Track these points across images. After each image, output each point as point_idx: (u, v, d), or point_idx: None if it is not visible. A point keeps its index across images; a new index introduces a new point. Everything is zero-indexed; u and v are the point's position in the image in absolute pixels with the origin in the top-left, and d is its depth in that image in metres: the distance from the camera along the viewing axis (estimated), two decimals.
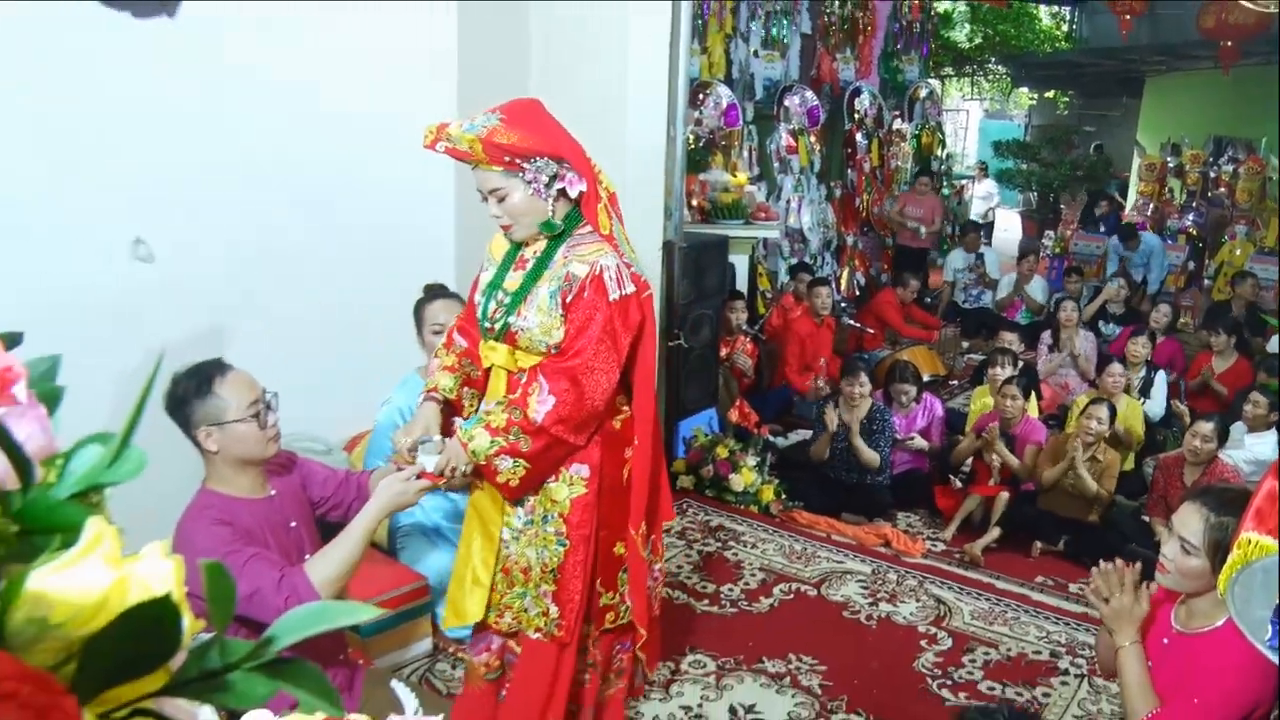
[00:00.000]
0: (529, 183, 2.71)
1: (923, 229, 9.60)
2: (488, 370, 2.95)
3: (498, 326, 2.83)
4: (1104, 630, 2.76)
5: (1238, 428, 5.64)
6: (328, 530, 2.88)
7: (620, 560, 2.99)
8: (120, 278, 3.54)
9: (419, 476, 2.69)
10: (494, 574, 2.93)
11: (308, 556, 2.79)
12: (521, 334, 2.78)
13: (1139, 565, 2.72)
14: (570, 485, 2.85)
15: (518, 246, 2.88)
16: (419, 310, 3.97)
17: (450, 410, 2.96)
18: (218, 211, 3.78)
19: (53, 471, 0.68)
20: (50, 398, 0.71)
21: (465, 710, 3.14)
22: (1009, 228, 16.73)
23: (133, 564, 0.63)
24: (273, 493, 2.79)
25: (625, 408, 2.92)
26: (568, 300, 2.73)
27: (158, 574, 0.63)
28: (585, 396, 2.71)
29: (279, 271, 4.01)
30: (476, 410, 2.96)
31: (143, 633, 0.58)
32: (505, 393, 2.84)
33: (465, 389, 2.98)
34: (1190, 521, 2.54)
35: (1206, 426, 5.03)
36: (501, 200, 2.74)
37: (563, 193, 2.76)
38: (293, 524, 2.81)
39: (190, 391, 2.63)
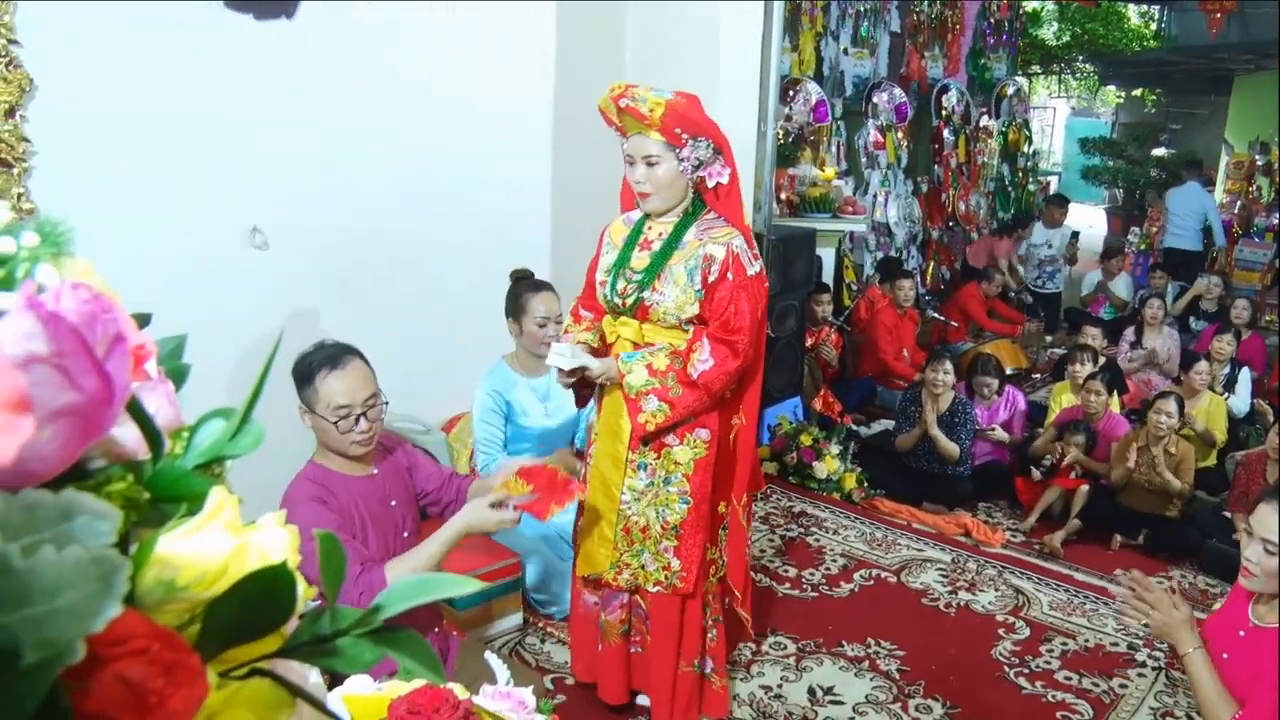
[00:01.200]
0: (681, 159, 2.89)
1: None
2: (610, 345, 3.11)
3: (629, 302, 2.99)
4: None
5: None
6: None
7: (721, 518, 3.20)
8: (240, 263, 3.63)
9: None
10: (615, 533, 3.11)
11: (405, 535, 2.86)
12: (655, 308, 2.96)
13: (1143, 577, 2.68)
14: (693, 448, 3.03)
15: (638, 230, 3.06)
16: (519, 299, 3.96)
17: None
18: (329, 202, 3.86)
19: (179, 444, 0.70)
20: (177, 374, 0.73)
21: (605, 669, 3.33)
22: (1095, 224, 16.38)
23: (251, 533, 0.65)
24: (374, 471, 2.82)
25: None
26: (709, 280, 2.90)
27: (275, 543, 0.65)
28: (737, 366, 2.92)
29: (385, 257, 4.09)
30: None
31: (260, 598, 0.60)
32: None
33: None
34: (1269, 521, 2.48)
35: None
36: (651, 166, 2.89)
37: (701, 180, 2.96)
38: (393, 502, 2.85)
39: (301, 371, 2.68)
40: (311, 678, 0.73)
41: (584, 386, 3.13)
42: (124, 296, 0.61)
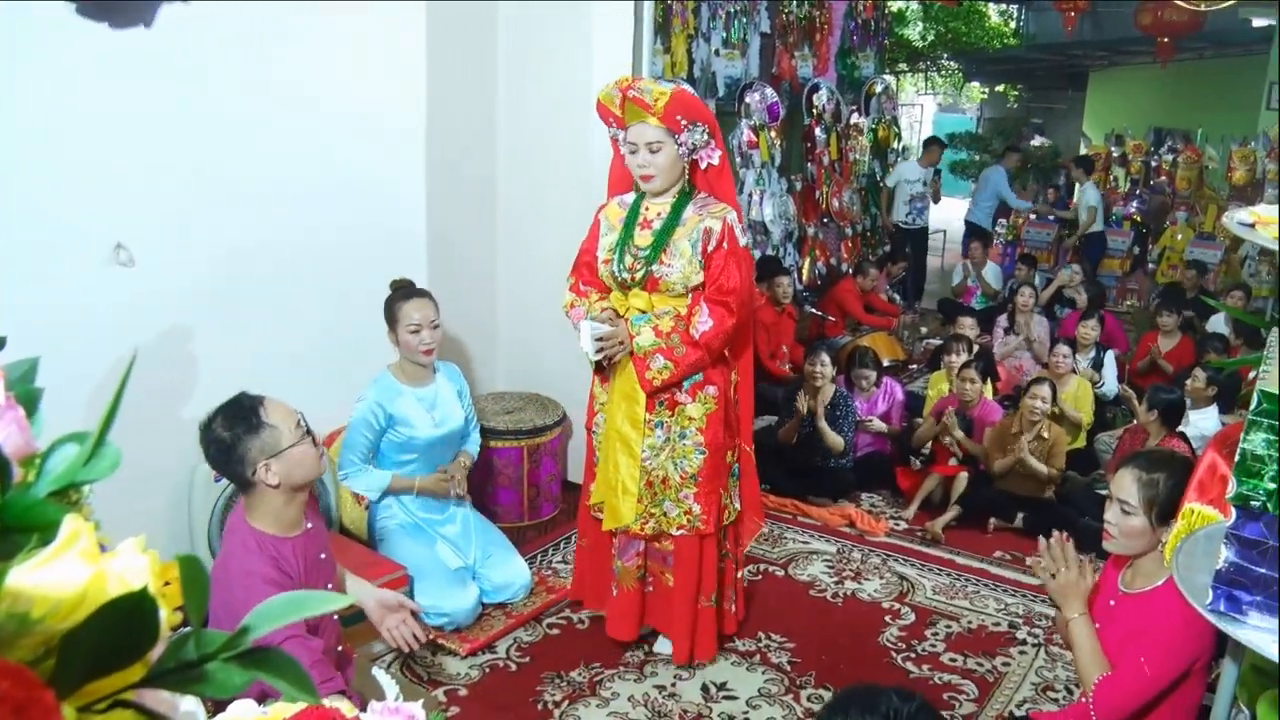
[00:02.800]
0: (679, 144, 3.30)
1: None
2: (623, 317, 3.45)
3: (639, 275, 3.39)
4: None
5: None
6: None
7: (729, 467, 3.63)
8: (100, 282, 3.50)
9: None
10: (639, 486, 3.48)
11: (329, 586, 2.78)
12: (664, 280, 3.36)
13: (1069, 539, 2.78)
14: (704, 404, 3.46)
15: (635, 211, 3.45)
16: (392, 308, 3.96)
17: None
18: (193, 215, 3.75)
19: (32, 471, 0.67)
20: (29, 399, 0.70)
21: (620, 610, 3.70)
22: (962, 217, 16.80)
23: (110, 559, 0.62)
24: (309, 525, 2.74)
25: None
26: (709, 250, 3.33)
27: (134, 568, 0.63)
28: (733, 324, 3.35)
29: (254, 271, 3.99)
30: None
31: (120, 626, 0.58)
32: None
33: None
34: (1125, 484, 2.64)
35: (1144, 403, 5.09)
36: (654, 152, 3.30)
37: (694, 162, 3.38)
38: (322, 555, 2.78)
39: (239, 428, 2.54)
40: (186, 706, 0.70)
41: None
42: None
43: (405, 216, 4.56)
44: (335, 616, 2.89)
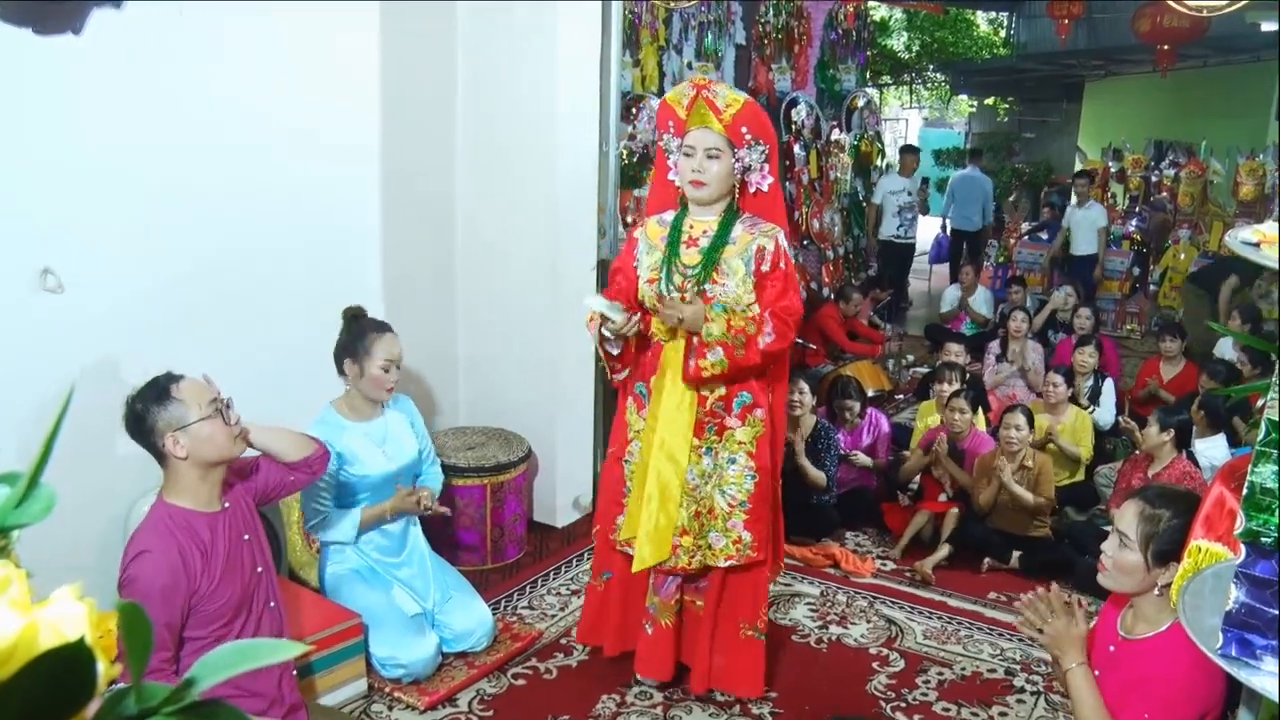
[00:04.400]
0: (736, 159, 3.43)
1: None
2: (650, 335, 3.60)
3: (689, 295, 3.47)
4: None
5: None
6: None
7: (776, 492, 3.74)
8: (27, 308, 3.47)
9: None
10: (685, 518, 3.56)
11: (259, 570, 3.07)
12: (718, 299, 3.45)
13: (1055, 588, 2.79)
14: (753, 426, 3.56)
15: (678, 229, 3.55)
16: (363, 339, 3.92)
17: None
18: (127, 237, 3.70)
19: None
20: None
21: (655, 649, 3.76)
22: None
23: (43, 609, 0.63)
24: (226, 505, 3.00)
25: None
26: (763, 269, 3.46)
27: (70, 618, 0.63)
28: (789, 338, 3.51)
29: (194, 298, 3.94)
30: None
31: (55, 679, 0.58)
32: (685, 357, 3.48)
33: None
34: (1128, 515, 2.64)
35: (1155, 424, 5.12)
36: (711, 159, 3.41)
37: (744, 183, 3.50)
38: (246, 537, 3.03)
39: (149, 400, 2.85)
40: None
41: (623, 357, 3.59)
42: None
43: (358, 238, 4.53)
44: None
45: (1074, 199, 11.03)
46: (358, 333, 3.94)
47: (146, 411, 2.85)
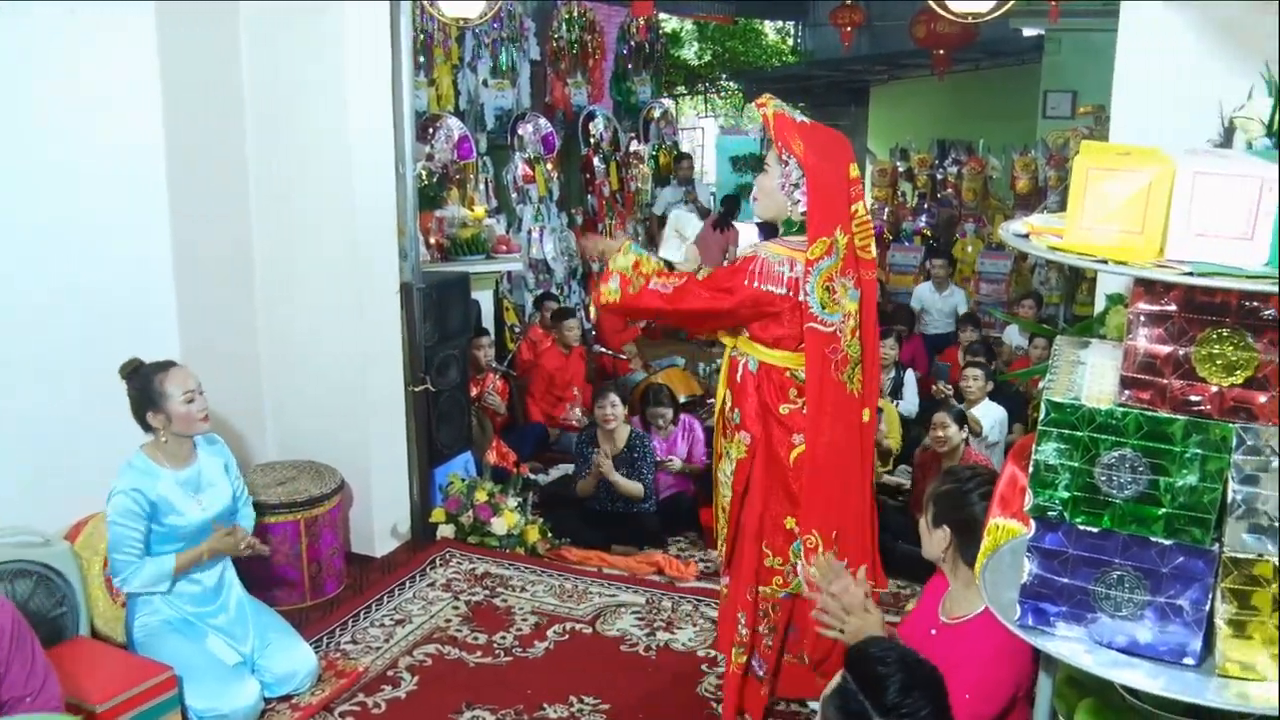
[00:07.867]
0: (780, 176, 3.46)
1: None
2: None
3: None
4: None
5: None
6: None
7: (791, 535, 3.55)
8: None
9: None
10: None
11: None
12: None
13: (829, 556, 3.04)
14: (737, 447, 3.58)
15: None
16: (150, 385, 3.77)
17: None
18: None
19: None
20: None
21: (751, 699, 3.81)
22: (752, 240, 17.28)
23: None
24: None
25: (798, 400, 3.48)
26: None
27: None
28: (679, 305, 3.51)
29: None
30: None
31: None
32: (727, 372, 3.65)
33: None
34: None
35: (945, 416, 5.35)
36: (760, 171, 3.58)
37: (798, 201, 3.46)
38: None
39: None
40: None
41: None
42: None
43: (149, 283, 4.37)
44: None
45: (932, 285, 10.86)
46: (143, 382, 3.79)
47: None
